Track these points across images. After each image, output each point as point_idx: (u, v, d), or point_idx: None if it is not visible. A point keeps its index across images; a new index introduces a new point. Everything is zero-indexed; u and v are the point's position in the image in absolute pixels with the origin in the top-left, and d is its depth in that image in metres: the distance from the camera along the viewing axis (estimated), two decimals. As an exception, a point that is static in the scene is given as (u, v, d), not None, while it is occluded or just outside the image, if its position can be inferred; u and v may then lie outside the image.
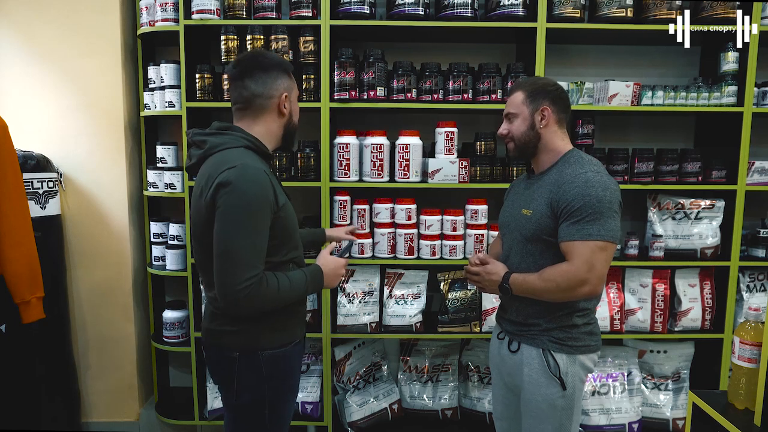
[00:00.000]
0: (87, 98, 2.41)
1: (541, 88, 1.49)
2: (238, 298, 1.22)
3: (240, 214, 1.22)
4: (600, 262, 1.36)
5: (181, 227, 2.39)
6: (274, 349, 1.38)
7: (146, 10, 2.32)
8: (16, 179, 1.88)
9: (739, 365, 1.26)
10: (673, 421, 2.46)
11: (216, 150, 1.33)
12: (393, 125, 2.45)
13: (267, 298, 1.27)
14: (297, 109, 1.47)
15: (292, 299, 1.35)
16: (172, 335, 2.47)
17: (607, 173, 1.43)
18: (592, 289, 1.37)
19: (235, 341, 1.36)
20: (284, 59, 1.44)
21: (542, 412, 1.46)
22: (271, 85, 1.37)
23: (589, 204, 1.35)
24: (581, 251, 1.36)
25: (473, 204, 2.32)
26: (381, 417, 2.49)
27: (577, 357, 1.45)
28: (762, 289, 2.46)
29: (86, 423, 2.58)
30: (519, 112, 1.50)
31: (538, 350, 1.47)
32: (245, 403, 1.38)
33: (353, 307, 2.38)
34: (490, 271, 1.51)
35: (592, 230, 1.35)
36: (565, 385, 1.43)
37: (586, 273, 1.35)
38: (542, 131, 1.49)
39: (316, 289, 1.42)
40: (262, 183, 1.25)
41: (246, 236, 1.23)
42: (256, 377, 1.36)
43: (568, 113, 1.53)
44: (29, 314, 1.91)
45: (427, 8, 2.21)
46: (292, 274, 1.35)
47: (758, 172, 2.32)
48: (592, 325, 1.49)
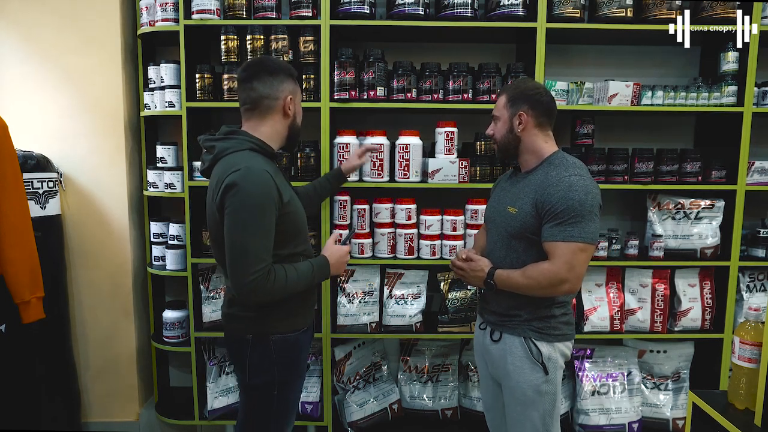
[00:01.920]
0: (87, 98, 2.41)
1: (521, 92, 1.55)
2: (248, 289, 1.34)
3: (246, 212, 1.33)
4: (579, 262, 1.43)
5: (181, 227, 2.39)
6: (284, 333, 1.50)
7: (146, 10, 2.32)
8: (16, 179, 1.87)
9: (739, 365, 1.26)
10: (673, 421, 2.46)
11: (224, 154, 1.44)
12: (393, 125, 2.45)
13: (275, 288, 1.38)
14: (300, 111, 1.58)
15: (300, 288, 1.46)
16: (172, 335, 2.47)
17: (589, 176, 1.48)
18: (571, 287, 1.45)
19: (249, 325, 1.48)
20: (289, 65, 1.55)
21: (528, 399, 1.52)
22: (278, 87, 1.47)
23: (571, 207, 1.41)
24: (563, 252, 1.43)
25: (473, 204, 2.32)
26: (381, 417, 2.49)
27: (556, 344, 1.53)
28: (762, 289, 2.46)
29: (86, 423, 2.58)
30: (500, 116, 1.59)
31: (520, 338, 1.54)
32: (256, 384, 1.49)
33: (353, 307, 2.38)
34: (474, 267, 1.59)
35: (573, 232, 1.42)
36: (548, 370, 1.51)
37: (567, 272, 1.43)
38: (521, 134, 1.55)
39: (324, 277, 1.54)
40: (265, 183, 1.35)
41: (252, 233, 1.34)
42: (266, 360, 1.48)
43: (551, 116, 1.56)
44: (29, 314, 1.91)
45: (427, 8, 2.21)
46: (299, 264, 1.46)
47: (758, 172, 2.32)
48: (568, 315, 1.58)
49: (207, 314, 2.43)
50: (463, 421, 2.54)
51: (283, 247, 1.44)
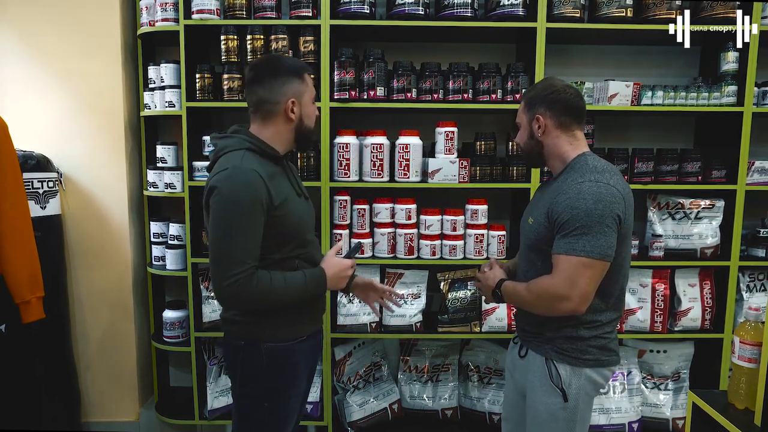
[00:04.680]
0: (87, 98, 2.41)
1: (536, 94, 1.45)
2: (226, 293, 1.30)
3: (227, 214, 1.29)
4: (584, 279, 1.30)
5: (181, 227, 2.39)
6: (276, 342, 1.42)
7: (146, 10, 2.32)
8: (16, 179, 1.88)
9: (739, 365, 1.26)
10: (673, 420, 2.46)
11: (222, 153, 1.39)
12: (393, 125, 2.45)
13: (258, 294, 1.31)
14: (311, 111, 1.48)
15: (290, 298, 1.38)
16: (172, 335, 2.47)
17: (609, 183, 1.33)
18: (574, 307, 1.32)
19: (241, 330, 1.43)
20: (300, 63, 1.48)
21: (543, 421, 1.44)
22: (278, 90, 1.39)
23: (576, 217, 1.30)
24: (564, 266, 1.32)
25: (473, 204, 2.32)
26: (381, 417, 2.49)
27: (584, 370, 1.39)
28: (762, 289, 2.46)
29: (86, 423, 2.58)
30: (520, 122, 1.50)
31: (542, 359, 1.44)
32: (247, 392, 1.44)
33: (353, 307, 2.38)
34: (488, 277, 1.54)
35: (577, 245, 1.29)
36: (567, 396, 1.39)
37: (567, 289, 1.31)
38: (542, 138, 1.45)
39: (320, 290, 1.46)
40: (251, 184, 1.30)
41: (232, 235, 1.29)
42: (257, 367, 1.42)
43: (574, 113, 1.43)
44: (29, 314, 1.91)
45: (427, 8, 2.21)
46: (290, 274, 1.38)
47: (758, 172, 2.32)
48: (606, 339, 1.41)
49: (207, 314, 2.43)
50: (463, 421, 2.54)
51: (274, 251, 1.37)
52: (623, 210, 1.33)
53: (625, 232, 1.37)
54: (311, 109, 1.47)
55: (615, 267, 1.36)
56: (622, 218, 1.33)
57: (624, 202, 1.34)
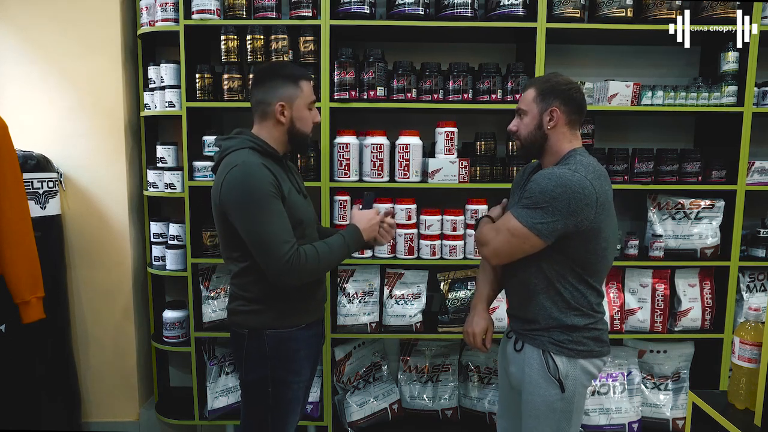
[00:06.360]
0: (87, 98, 2.41)
1: (553, 86, 1.43)
2: (286, 272, 1.37)
3: (253, 204, 1.36)
4: (505, 239, 1.39)
5: (181, 227, 2.39)
6: (279, 329, 1.50)
7: (146, 10, 2.32)
8: (16, 179, 1.87)
9: (739, 365, 1.26)
10: (673, 421, 2.46)
11: (226, 152, 1.47)
12: (393, 125, 2.45)
13: (310, 265, 1.41)
14: (306, 116, 1.53)
15: (336, 259, 1.51)
16: (172, 335, 2.47)
17: (585, 176, 1.32)
18: (487, 252, 1.46)
19: (246, 319, 1.50)
20: (299, 71, 1.54)
21: (541, 413, 1.45)
22: (271, 93, 1.48)
23: (531, 191, 1.35)
24: (503, 220, 1.42)
25: (473, 204, 2.32)
26: (381, 417, 2.49)
27: (579, 361, 1.43)
28: (762, 289, 2.46)
29: (86, 423, 2.58)
30: (529, 110, 1.46)
31: (538, 351, 1.46)
32: (252, 379, 1.52)
33: (353, 307, 2.38)
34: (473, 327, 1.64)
35: (521, 212, 1.36)
36: (564, 387, 1.42)
37: (491, 237, 1.43)
38: (549, 132, 1.44)
39: (359, 245, 1.56)
40: (264, 174, 1.38)
41: (267, 221, 1.37)
42: (261, 355, 1.49)
43: (582, 114, 1.46)
44: (29, 314, 1.90)
45: (427, 8, 2.21)
46: (329, 239, 1.50)
47: (758, 172, 2.32)
48: (599, 331, 1.45)
49: (207, 314, 2.43)
50: (463, 421, 2.54)
51: None
52: (588, 204, 1.31)
53: (597, 227, 1.35)
54: (306, 114, 1.52)
55: (592, 256, 1.39)
56: (583, 214, 1.32)
57: (596, 198, 1.32)
